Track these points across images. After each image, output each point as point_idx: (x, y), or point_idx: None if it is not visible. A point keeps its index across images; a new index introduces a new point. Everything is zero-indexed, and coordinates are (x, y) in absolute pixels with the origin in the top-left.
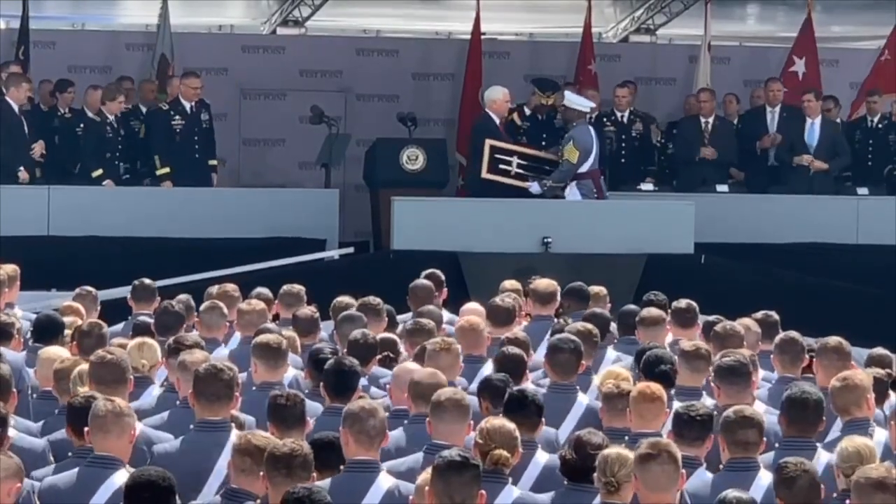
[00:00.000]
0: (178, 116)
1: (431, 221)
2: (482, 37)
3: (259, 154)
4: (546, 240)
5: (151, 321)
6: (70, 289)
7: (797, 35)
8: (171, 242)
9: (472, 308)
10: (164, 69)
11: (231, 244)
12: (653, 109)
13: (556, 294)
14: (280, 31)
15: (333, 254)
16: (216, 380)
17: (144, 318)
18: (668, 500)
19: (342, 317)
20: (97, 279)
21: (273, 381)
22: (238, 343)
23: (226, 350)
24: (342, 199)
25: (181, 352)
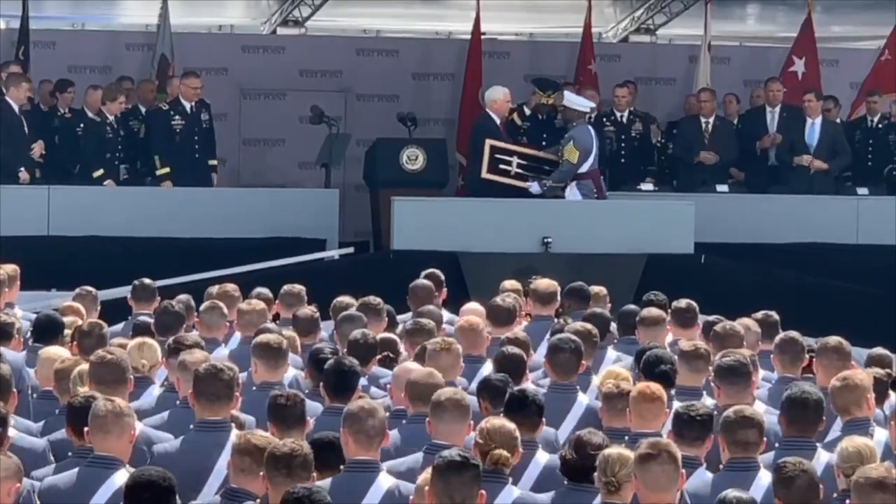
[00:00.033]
0: (178, 116)
1: (431, 221)
2: (482, 37)
3: (259, 154)
4: (546, 240)
5: (151, 321)
6: (70, 289)
7: (797, 35)
8: (172, 242)
9: (472, 308)
10: (164, 69)
11: (231, 244)
12: (653, 109)
13: (557, 294)
14: (280, 31)
15: (333, 254)
16: (216, 380)
17: (144, 318)
18: (668, 500)
19: (342, 317)
20: (97, 279)
21: (273, 381)
22: (238, 343)
23: (226, 350)
24: (342, 199)
25: (181, 352)
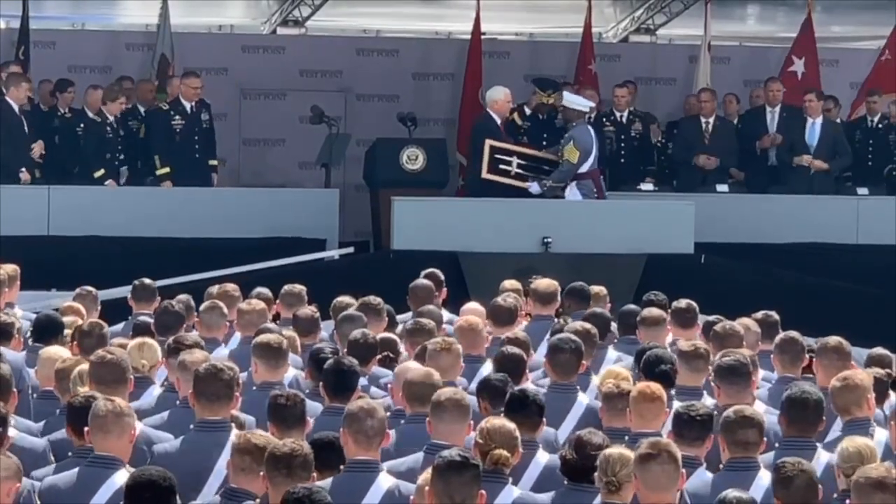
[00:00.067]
0: (179, 116)
1: (431, 221)
2: (482, 37)
3: (259, 154)
4: (546, 240)
5: (152, 321)
6: (70, 289)
7: (797, 35)
8: (172, 242)
9: (472, 308)
10: (165, 69)
11: (231, 244)
12: (653, 109)
13: (557, 294)
14: (280, 31)
15: (333, 254)
16: (216, 380)
17: (145, 318)
18: (668, 500)
19: (342, 317)
20: (97, 279)
21: (273, 381)
22: (238, 343)
23: (226, 350)
24: (342, 199)
25: (181, 352)
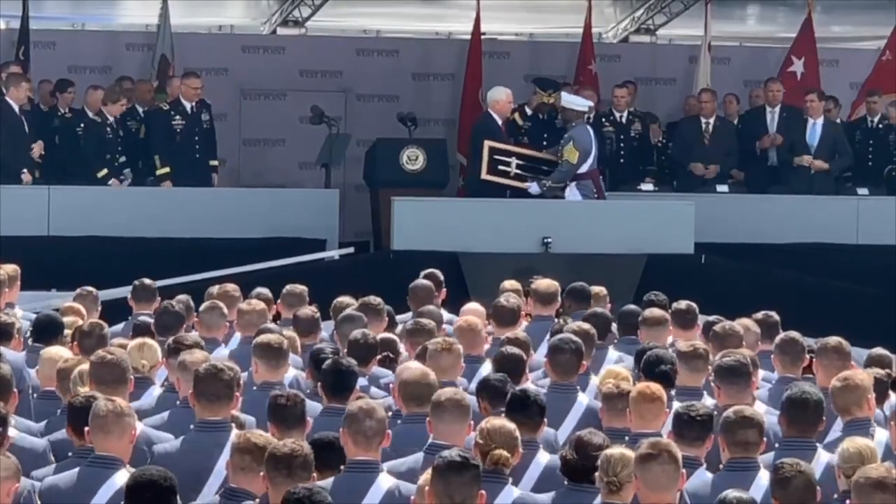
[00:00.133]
0: (179, 116)
1: (431, 222)
2: (482, 37)
3: (259, 154)
4: (546, 240)
5: (152, 321)
6: (70, 289)
7: (796, 35)
8: (172, 242)
9: (472, 308)
10: (165, 69)
11: (231, 244)
12: (653, 110)
13: (557, 294)
14: (280, 32)
15: (333, 254)
16: (216, 380)
17: (145, 319)
18: (669, 500)
19: (342, 317)
20: (97, 279)
21: (274, 381)
22: (238, 343)
23: (226, 350)
24: (342, 200)
25: (181, 352)
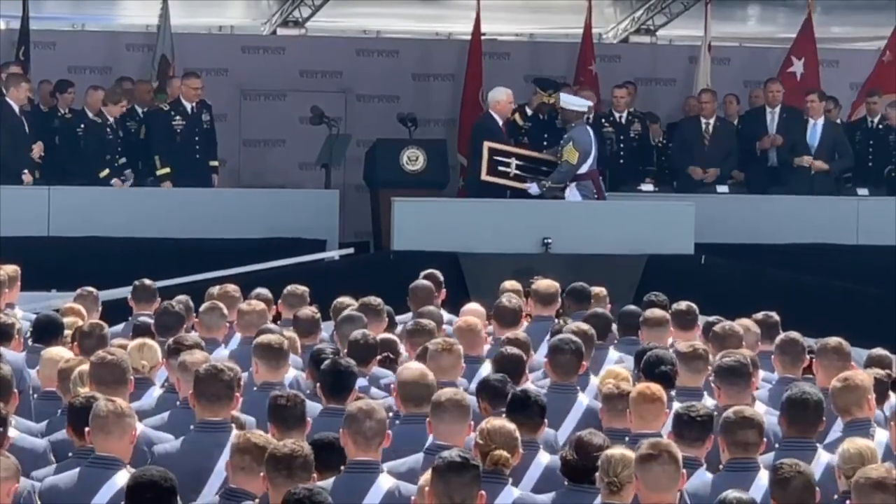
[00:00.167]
0: (179, 117)
1: (431, 222)
2: (482, 37)
3: (259, 154)
4: (546, 240)
5: (152, 322)
6: (70, 289)
7: (796, 35)
8: (172, 243)
9: (472, 308)
10: (165, 70)
11: (231, 245)
12: (653, 110)
13: (558, 295)
14: (280, 32)
15: (334, 254)
16: (216, 380)
17: (145, 319)
18: (669, 501)
19: (342, 317)
20: (97, 280)
21: (274, 382)
22: (238, 344)
23: (226, 351)
24: (342, 200)
25: (181, 352)
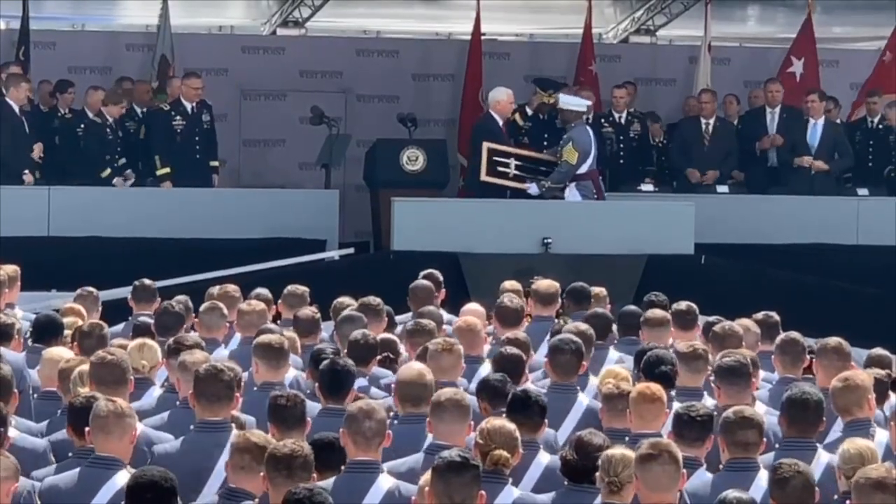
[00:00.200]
0: (179, 117)
1: (431, 222)
2: (482, 37)
3: (259, 154)
4: (546, 240)
5: (152, 322)
6: (70, 289)
7: (796, 35)
8: (172, 243)
9: (472, 308)
10: (165, 70)
11: (231, 245)
12: (653, 110)
13: (558, 295)
14: (280, 32)
15: (334, 254)
16: (216, 380)
17: (145, 319)
18: (669, 501)
19: (342, 317)
20: (97, 280)
21: (274, 382)
22: (238, 344)
23: (225, 351)
24: (342, 200)
25: (181, 352)
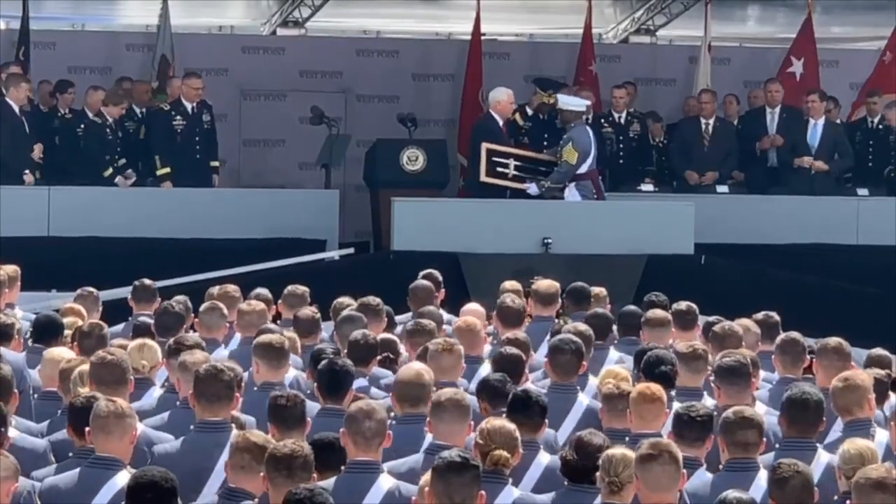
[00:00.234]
0: (180, 117)
1: (431, 222)
2: (482, 37)
3: (259, 155)
4: (546, 240)
5: (152, 322)
6: (70, 289)
7: (796, 35)
8: (172, 243)
9: (471, 309)
10: (165, 70)
11: (231, 245)
12: (653, 110)
13: (558, 295)
14: (280, 32)
15: (334, 254)
16: (216, 380)
17: (145, 319)
18: (669, 501)
19: (342, 317)
20: (97, 280)
21: (274, 382)
22: (238, 344)
23: (225, 351)
24: (342, 200)
25: (182, 352)
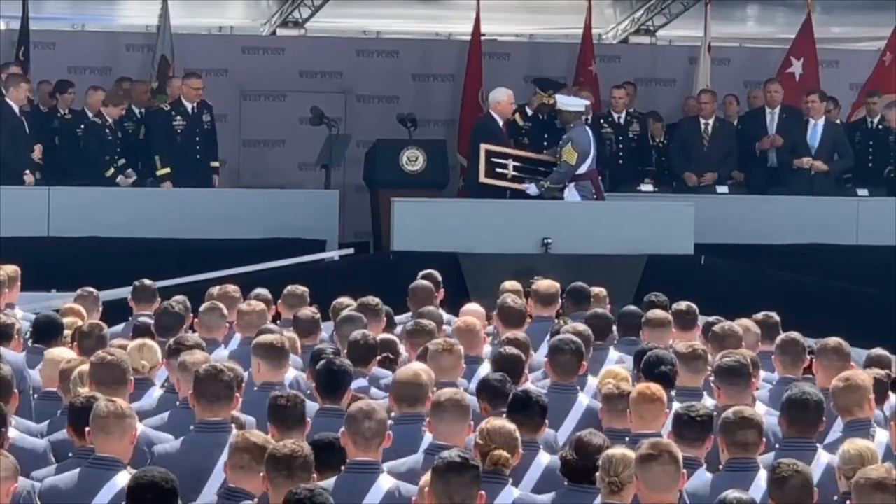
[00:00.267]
0: (180, 117)
1: (431, 222)
2: (482, 38)
3: (259, 155)
4: (546, 241)
5: (152, 322)
6: (70, 290)
7: (796, 35)
8: (172, 243)
9: (471, 309)
10: (165, 70)
11: (231, 245)
12: (653, 110)
13: (558, 295)
14: (280, 32)
15: (333, 255)
16: (216, 381)
17: (145, 319)
18: (669, 501)
19: (342, 317)
20: (97, 280)
21: (274, 382)
22: (238, 344)
23: (225, 351)
24: (342, 200)
25: (182, 352)
